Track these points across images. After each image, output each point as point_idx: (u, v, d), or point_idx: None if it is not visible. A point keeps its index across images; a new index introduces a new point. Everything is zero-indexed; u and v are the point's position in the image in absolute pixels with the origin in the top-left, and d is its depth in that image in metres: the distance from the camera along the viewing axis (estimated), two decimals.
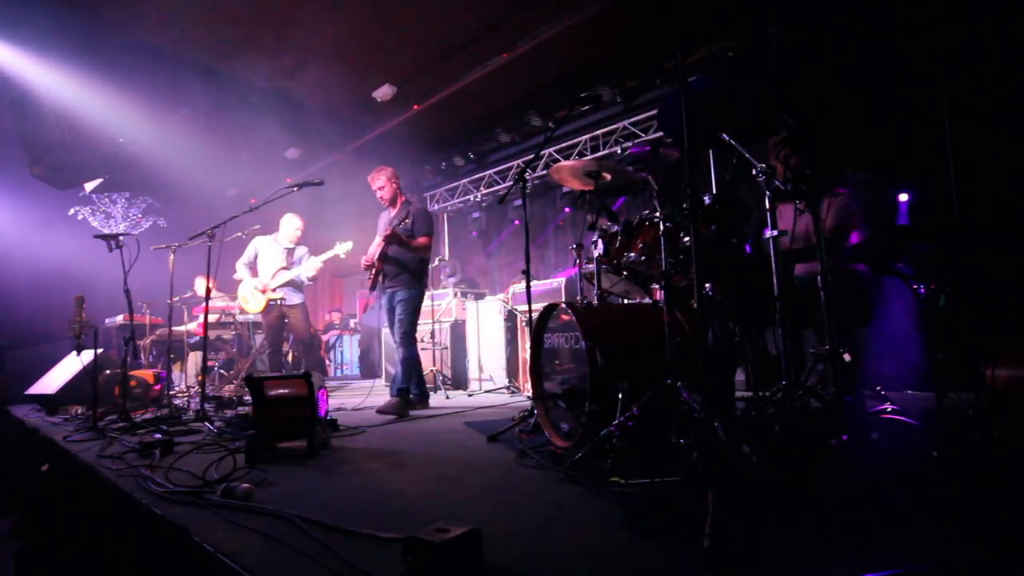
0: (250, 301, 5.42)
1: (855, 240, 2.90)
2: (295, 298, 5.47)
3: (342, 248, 5.23)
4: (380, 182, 4.40)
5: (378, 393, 5.65)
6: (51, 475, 3.12)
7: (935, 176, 3.92)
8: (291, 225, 5.53)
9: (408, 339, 4.23)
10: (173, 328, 5.33)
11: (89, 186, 8.75)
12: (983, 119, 3.78)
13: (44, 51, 5.95)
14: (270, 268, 5.39)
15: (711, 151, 5.63)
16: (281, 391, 2.61)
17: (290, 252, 5.50)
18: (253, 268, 5.47)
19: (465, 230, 9.16)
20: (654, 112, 6.34)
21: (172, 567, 1.61)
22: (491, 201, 8.55)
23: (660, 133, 6.07)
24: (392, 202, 4.43)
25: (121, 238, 3.88)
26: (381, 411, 3.97)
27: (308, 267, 5.35)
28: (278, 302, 5.36)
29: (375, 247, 4.28)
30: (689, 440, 1.89)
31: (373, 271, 4.28)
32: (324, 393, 2.81)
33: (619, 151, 6.62)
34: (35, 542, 3.23)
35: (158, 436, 2.92)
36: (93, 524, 2.36)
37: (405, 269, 4.25)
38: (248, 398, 3.27)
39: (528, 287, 3.27)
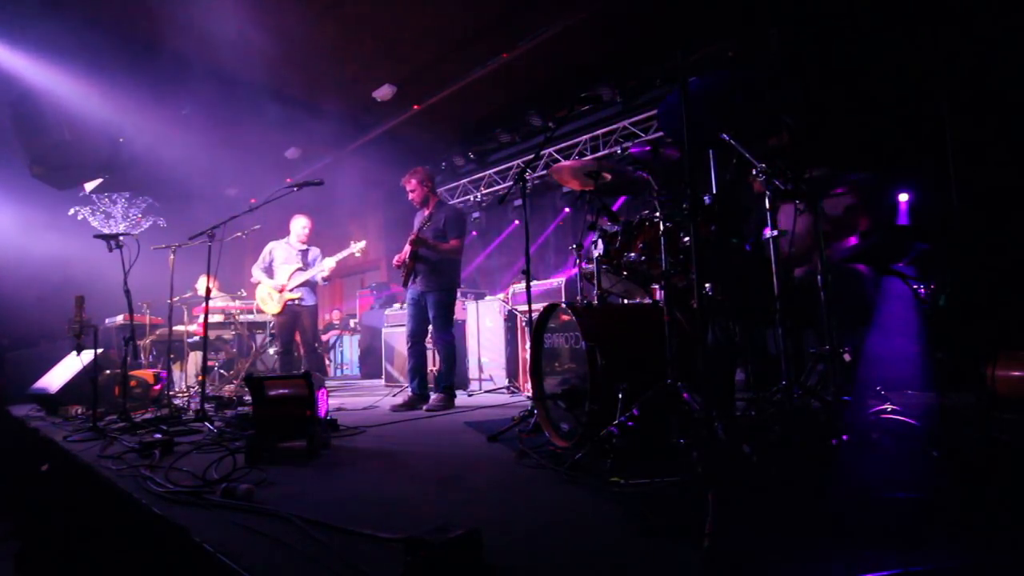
0: (268, 303, 5.48)
1: (854, 241, 2.89)
2: (310, 299, 5.56)
3: (356, 247, 5.36)
4: (411, 184, 4.50)
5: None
6: (51, 475, 3.11)
7: (935, 176, 3.92)
8: (298, 225, 5.62)
9: (446, 334, 4.39)
10: (173, 328, 5.33)
11: (89, 186, 8.75)
12: (983, 119, 3.77)
13: (44, 51, 5.95)
14: (286, 270, 5.49)
15: (711, 151, 5.63)
16: (281, 391, 2.61)
17: (304, 254, 5.58)
18: (269, 271, 5.54)
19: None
20: (654, 112, 6.34)
21: (172, 567, 1.61)
22: (491, 201, 8.55)
23: (660, 133, 6.07)
24: (424, 203, 4.50)
25: (121, 238, 3.89)
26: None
27: (323, 267, 5.43)
28: (296, 303, 5.44)
29: (407, 246, 4.38)
30: (689, 440, 1.89)
31: (405, 269, 4.38)
32: (324, 393, 2.81)
33: (619, 151, 6.61)
34: (35, 542, 3.22)
35: (158, 436, 2.92)
36: (93, 524, 2.36)
37: (435, 270, 4.35)
38: (248, 398, 3.27)
39: (528, 287, 3.28)
